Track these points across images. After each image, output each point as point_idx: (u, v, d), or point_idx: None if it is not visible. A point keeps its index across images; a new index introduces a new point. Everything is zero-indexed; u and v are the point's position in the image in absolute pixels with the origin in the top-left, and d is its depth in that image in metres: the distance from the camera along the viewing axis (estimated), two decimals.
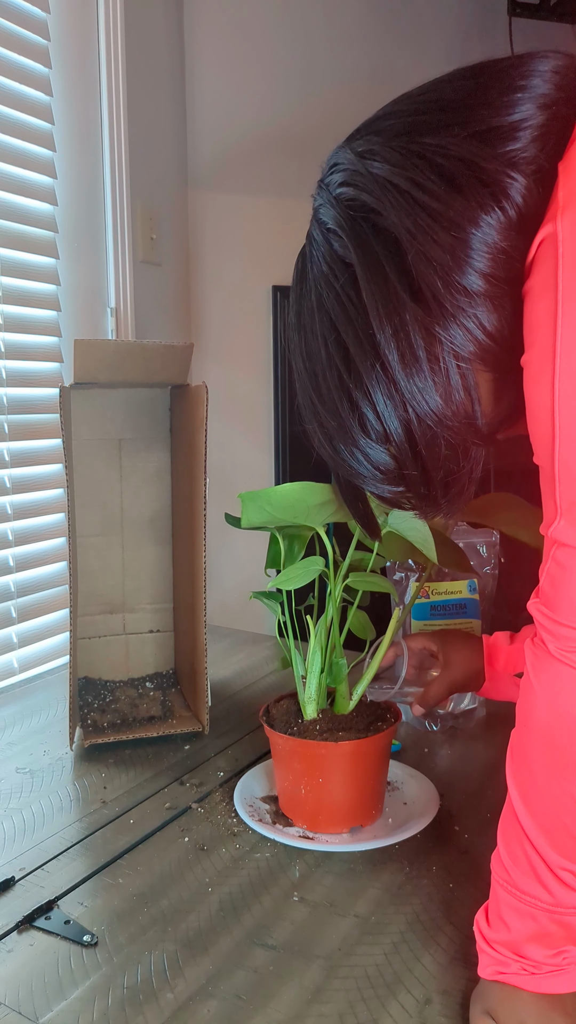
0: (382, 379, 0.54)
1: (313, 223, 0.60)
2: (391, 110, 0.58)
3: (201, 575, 1.06)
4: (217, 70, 1.80)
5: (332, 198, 0.57)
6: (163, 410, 1.23)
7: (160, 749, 1.06)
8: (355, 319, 0.54)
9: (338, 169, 0.58)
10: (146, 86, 1.66)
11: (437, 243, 0.51)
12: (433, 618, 1.08)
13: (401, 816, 0.88)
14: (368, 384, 0.54)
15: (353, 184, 0.55)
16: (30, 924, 0.72)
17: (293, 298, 0.61)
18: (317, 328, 0.57)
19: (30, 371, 1.41)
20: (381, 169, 0.54)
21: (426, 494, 0.59)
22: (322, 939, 0.70)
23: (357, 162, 0.56)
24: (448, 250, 0.51)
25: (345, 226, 0.55)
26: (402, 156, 0.54)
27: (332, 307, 0.56)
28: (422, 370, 0.53)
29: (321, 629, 0.88)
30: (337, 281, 0.55)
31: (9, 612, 1.38)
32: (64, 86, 1.45)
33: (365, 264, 0.54)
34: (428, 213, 0.51)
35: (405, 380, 0.53)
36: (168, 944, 0.70)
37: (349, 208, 0.56)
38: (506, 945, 0.59)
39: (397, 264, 0.53)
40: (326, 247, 0.57)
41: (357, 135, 0.59)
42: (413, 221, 0.52)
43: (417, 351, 0.52)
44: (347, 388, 0.55)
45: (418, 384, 0.53)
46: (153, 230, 1.71)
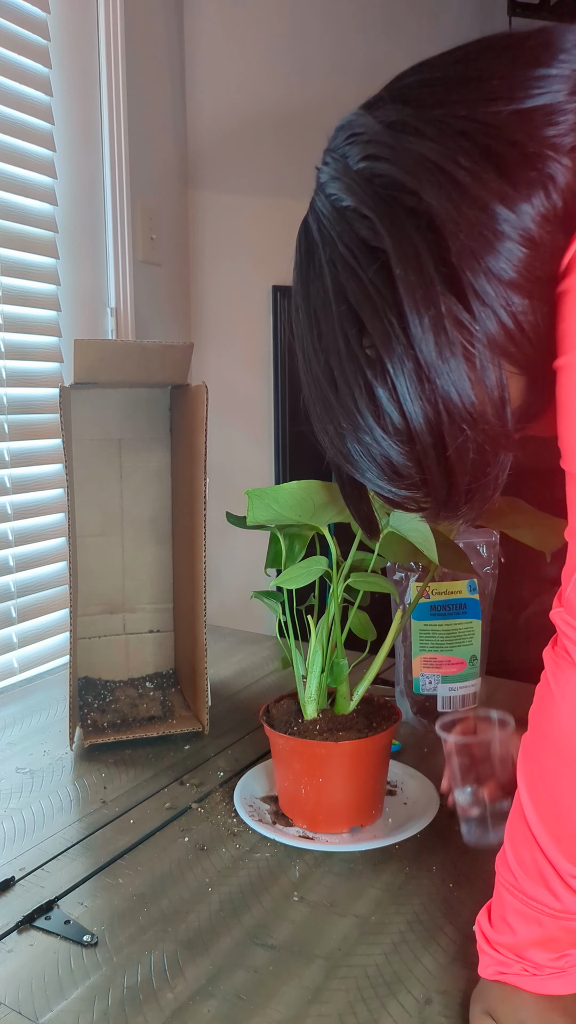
0: (412, 373, 0.49)
1: (321, 198, 0.54)
2: (419, 78, 0.52)
3: (201, 575, 1.06)
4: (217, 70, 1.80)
5: (352, 172, 0.52)
6: (163, 410, 1.23)
7: (160, 749, 1.06)
8: (383, 308, 0.49)
9: (358, 140, 0.52)
10: (146, 86, 1.66)
11: (481, 231, 0.47)
12: (433, 618, 1.08)
13: (401, 816, 0.88)
14: (395, 379, 0.50)
15: (381, 158, 0.50)
16: (30, 924, 0.72)
17: (299, 282, 0.56)
18: (334, 317, 0.52)
19: (30, 371, 1.41)
20: (418, 145, 0.49)
21: (447, 499, 0.55)
22: (322, 939, 0.70)
23: (386, 134, 0.50)
24: (492, 239, 0.47)
25: (373, 206, 0.50)
26: (440, 131, 0.49)
27: (353, 294, 0.51)
28: (459, 365, 0.49)
29: (322, 629, 0.88)
30: (360, 266, 0.50)
31: (9, 612, 1.37)
32: (64, 86, 1.45)
33: (400, 250, 0.49)
34: (472, 198, 0.47)
35: (439, 374, 0.49)
36: (168, 944, 0.69)
37: (375, 185, 0.50)
38: (510, 948, 0.58)
39: (434, 250, 0.48)
40: (343, 227, 0.52)
41: (379, 102, 0.53)
42: (455, 206, 0.47)
43: (454, 345, 0.48)
44: (368, 383, 0.51)
45: (453, 379, 0.49)
46: (153, 230, 1.71)
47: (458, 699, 1.10)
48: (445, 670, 1.09)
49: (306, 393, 0.56)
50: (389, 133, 0.50)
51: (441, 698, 1.09)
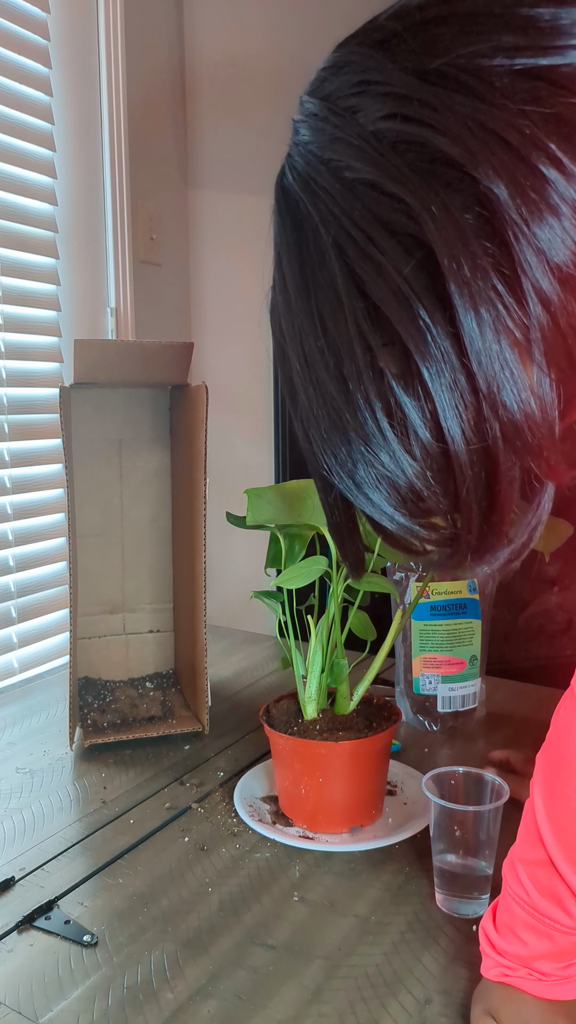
0: (454, 384, 0.40)
1: (312, 162, 0.43)
2: (447, 9, 0.40)
3: (201, 575, 1.06)
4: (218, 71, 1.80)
5: (369, 135, 0.40)
6: (163, 410, 1.23)
7: (160, 749, 1.06)
8: (418, 307, 0.40)
9: (375, 90, 0.41)
10: (146, 86, 1.66)
11: (543, 220, 0.38)
12: (433, 618, 1.08)
13: (401, 816, 0.88)
14: (433, 391, 0.40)
15: (415, 120, 0.39)
16: (30, 924, 0.72)
17: (291, 270, 0.45)
18: (346, 316, 0.42)
19: (30, 371, 1.41)
20: (468, 105, 0.38)
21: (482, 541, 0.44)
22: (322, 939, 0.70)
23: (419, 87, 0.39)
24: (554, 229, 0.38)
25: (405, 182, 0.39)
26: (490, 87, 0.38)
27: (376, 288, 0.40)
28: (520, 373, 0.40)
29: (322, 629, 0.88)
30: (384, 254, 0.40)
31: (9, 612, 1.37)
32: (64, 86, 1.45)
33: (447, 236, 0.39)
34: (541, 180, 0.38)
35: (496, 384, 0.40)
36: (168, 944, 0.69)
37: (405, 154, 0.39)
38: (517, 958, 0.58)
39: (484, 236, 0.39)
40: (353, 204, 0.41)
41: (395, 39, 0.41)
42: (521, 191, 0.38)
43: (513, 348, 0.39)
44: (395, 395, 0.41)
45: (516, 390, 0.40)
46: (153, 230, 1.71)
47: (458, 699, 1.10)
48: (445, 670, 1.09)
49: (303, 402, 0.45)
50: (424, 87, 0.39)
51: (441, 698, 1.09)
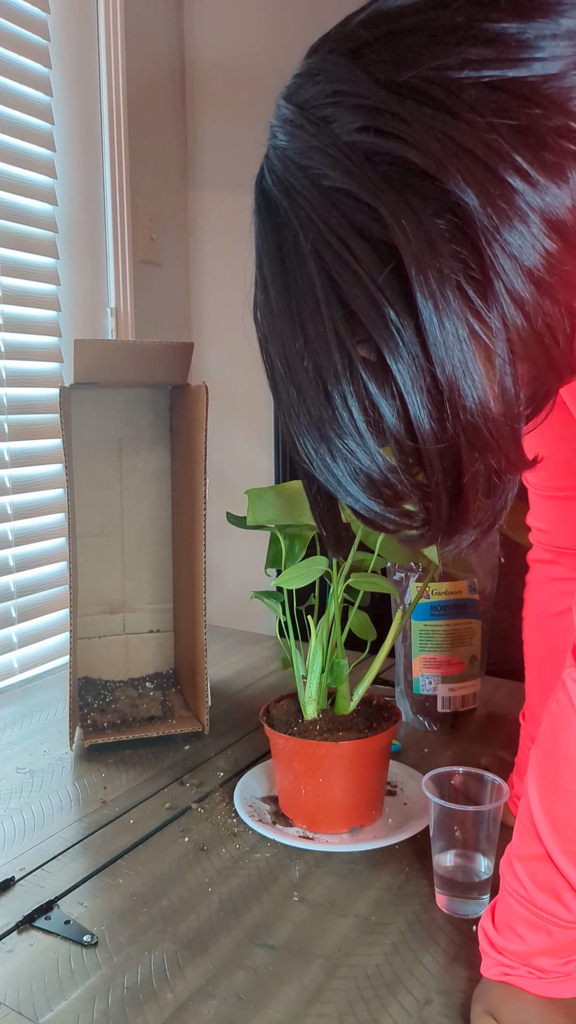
0: (423, 387, 0.43)
1: (290, 168, 0.44)
2: (414, 20, 0.42)
3: (201, 575, 1.06)
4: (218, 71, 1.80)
5: (343, 145, 0.42)
6: (163, 410, 1.23)
7: (160, 749, 1.06)
8: (389, 312, 0.42)
9: (347, 101, 0.42)
10: (146, 86, 1.66)
11: (513, 226, 0.40)
12: (433, 618, 1.08)
13: (401, 816, 0.88)
14: (404, 392, 0.43)
15: (388, 133, 0.41)
16: (30, 924, 0.72)
17: (272, 273, 0.47)
18: (324, 319, 0.44)
19: (30, 371, 1.41)
20: (437, 119, 0.40)
21: (450, 524, 0.48)
22: (322, 939, 0.70)
23: (389, 99, 0.41)
24: (524, 235, 0.40)
25: (378, 192, 0.41)
26: (459, 100, 0.40)
27: (352, 294, 0.42)
28: (481, 377, 0.42)
29: (322, 629, 0.88)
30: (358, 261, 0.42)
31: (9, 612, 1.37)
32: (64, 86, 1.45)
33: (415, 247, 0.41)
34: (506, 188, 0.40)
35: (457, 388, 0.42)
36: (168, 944, 0.69)
37: (378, 164, 0.41)
38: (516, 955, 0.58)
39: (452, 245, 0.41)
40: (330, 211, 0.43)
41: (365, 48, 0.43)
42: (490, 201, 0.40)
43: (476, 354, 0.42)
44: (368, 393, 0.44)
45: (476, 392, 0.42)
46: (153, 230, 1.71)
47: (458, 699, 1.10)
48: (445, 670, 1.09)
49: (285, 400, 0.48)
50: (394, 99, 0.40)
51: (441, 698, 1.09)
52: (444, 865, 0.74)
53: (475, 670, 1.10)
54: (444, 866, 0.74)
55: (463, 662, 1.09)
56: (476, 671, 1.11)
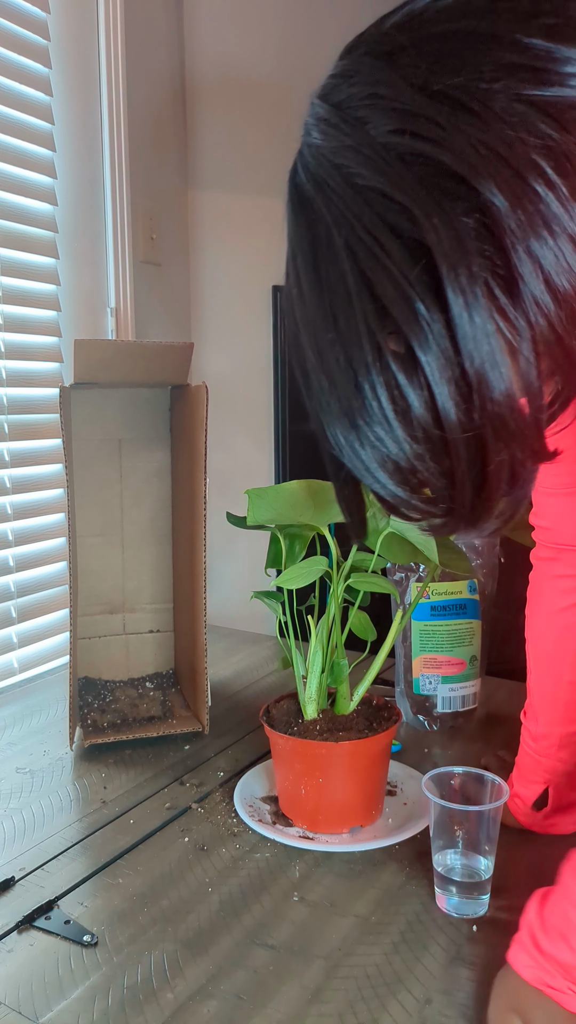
0: (452, 380, 0.44)
1: (324, 165, 0.46)
2: (451, 27, 0.43)
3: (201, 575, 1.06)
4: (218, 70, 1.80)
5: (378, 146, 0.43)
6: (163, 410, 1.23)
7: (160, 749, 1.06)
8: (420, 307, 0.43)
9: (383, 104, 0.44)
10: (146, 86, 1.66)
11: (539, 234, 0.42)
12: (433, 618, 1.08)
13: (401, 816, 0.88)
14: (432, 384, 0.44)
15: (423, 137, 0.42)
16: (30, 924, 0.72)
17: (306, 266, 0.48)
18: (356, 313, 0.45)
19: (30, 371, 1.41)
20: (474, 127, 0.41)
21: (472, 512, 0.49)
22: (322, 939, 0.70)
23: (426, 104, 0.42)
24: (548, 242, 0.42)
25: (412, 194, 0.43)
26: (490, 111, 0.41)
27: (384, 290, 0.44)
28: (508, 370, 0.44)
29: (322, 629, 0.88)
30: (390, 258, 0.44)
31: (9, 612, 1.37)
32: (64, 86, 1.45)
33: (447, 246, 0.42)
34: (536, 195, 0.41)
35: (485, 381, 0.44)
36: (168, 944, 0.69)
37: (411, 166, 0.43)
38: (562, 968, 0.57)
39: (483, 246, 0.42)
40: (363, 209, 0.44)
41: (400, 52, 0.44)
42: (522, 208, 0.41)
43: (503, 349, 0.43)
44: (398, 385, 0.45)
45: (503, 384, 0.44)
46: (153, 230, 1.71)
47: (458, 699, 1.10)
48: (445, 670, 1.09)
49: (316, 389, 0.49)
50: (429, 104, 0.42)
51: (441, 698, 1.09)
52: (444, 865, 0.74)
53: (475, 670, 1.10)
54: (444, 866, 0.74)
55: (463, 662, 1.09)
56: (476, 671, 1.11)
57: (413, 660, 1.10)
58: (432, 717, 1.10)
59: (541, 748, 0.83)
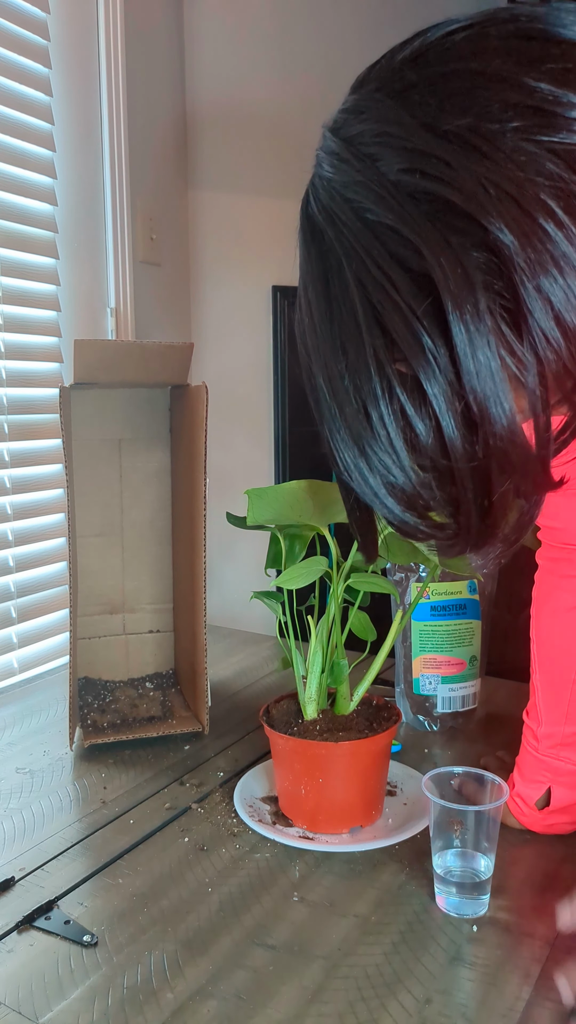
0: (458, 412, 0.45)
1: (336, 200, 0.47)
2: (459, 67, 0.44)
3: (201, 575, 1.06)
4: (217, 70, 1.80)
5: (388, 183, 0.44)
6: (163, 410, 1.23)
7: (160, 749, 1.06)
8: (427, 342, 0.44)
9: (393, 142, 0.44)
10: (146, 86, 1.66)
11: (548, 271, 0.43)
12: (433, 618, 1.08)
13: (401, 816, 0.88)
14: (439, 415, 0.45)
15: (433, 176, 0.43)
16: (30, 924, 0.72)
17: (316, 297, 0.49)
18: (365, 345, 0.46)
19: (30, 371, 1.41)
20: (483, 167, 0.42)
21: (479, 539, 0.51)
22: (322, 939, 0.70)
23: (436, 144, 0.43)
24: (557, 280, 0.43)
25: (420, 231, 0.44)
26: (499, 151, 0.42)
27: (392, 323, 0.45)
28: (511, 405, 0.45)
29: (322, 629, 0.88)
30: (399, 292, 0.45)
31: (9, 612, 1.37)
32: (64, 86, 1.45)
33: (453, 284, 0.43)
34: (546, 234, 0.42)
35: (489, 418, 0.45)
36: (168, 944, 0.70)
37: (421, 204, 0.44)
38: None
39: (490, 281, 0.43)
40: (372, 243, 0.45)
41: (411, 90, 0.45)
42: (531, 246, 0.42)
43: (508, 383, 0.44)
44: (406, 416, 0.46)
45: (505, 420, 0.45)
46: (153, 230, 1.71)
47: (458, 699, 1.10)
48: (445, 670, 1.09)
49: (327, 416, 0.50)
50: (439, 144, 0.43)
51: (441, 698, 1.09)
52: (444, 865, 0.74)
53: (475, 670, 1.10)
54: (444, 866, 0.74)
55: (463, 662, 1.09)
56: (476, 671, 1.11)
57: (413, 660, 1.10)
58: (432, 717, 1.10)
59: (544, 748, 0.84)
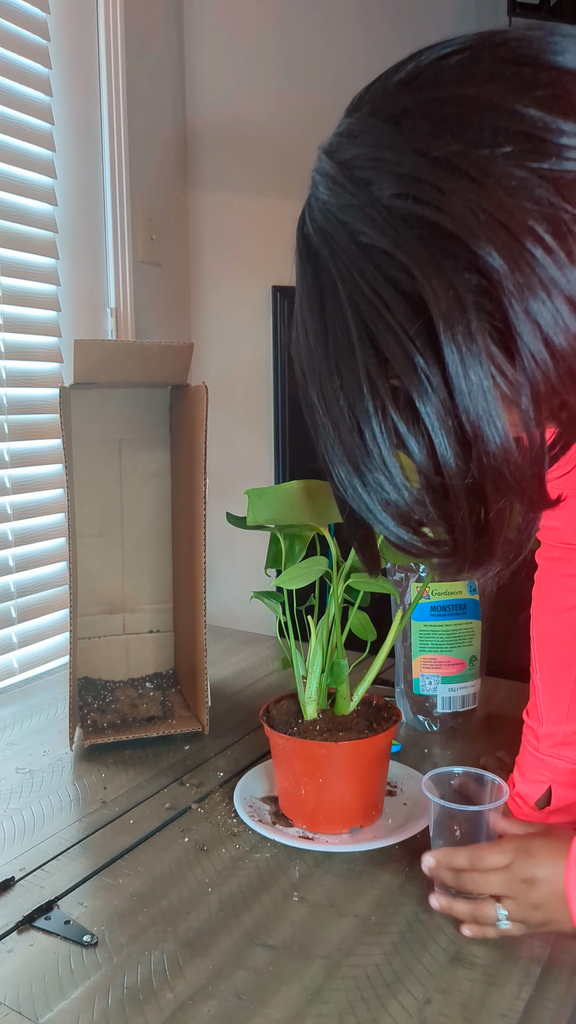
0: (451, 430, 0.46)
1: (331, 222, 0.48)
2: (452, 93, 0.45)
3: (201, 575, 1.06)
4: (217, 70, 1.80)
5: (381, 207, 0.45)
6: (163, 410, 1.23)
7: (160, 749, 1.06)
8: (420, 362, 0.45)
9: (387, 167, 0.45)
10: (146, 86, 1.66)
11: (536, 294, 0.43)
12: (433, 618, 1.08)
13: (401, 816, 0.88)
14: (432, 434, 0.46)
15: (425, 202, 0.44)
16: (30, 924, 0.72)
17: (312, 317, 0.50)
18: (359, 365, 0.47)
19: (30, 371, 1.41)
20: (475, 194, 0.43)
21: (476, 557, 0.51)
22: (322, 939, 0.70)
23: (428, 171, 0.44)
24: (546, 304, 0.43)
25: (413, 254, 0.44)
26: (491, 178, 0.43)
27: (385, 344, 0.46)
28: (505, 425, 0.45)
29: (322, 629, 0.88)
30: (392, 313, 0.45)
31: (9, 612, 1.38)
32: (64, 86, 1.45)
33: (445, 306, 0.44)
34: (534, 259, 0.43)
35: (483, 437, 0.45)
36: (168, 944, 0.70)
37: (414, 228, 0.44)
38: None
39: (482, 304, 0.44)
40: (367, 266, 0.46)
41: (405, 116, 0.46)
42: (521, 272, 0.43)
43: (500, 404, 0.45)
44: (399, 435, 0.47)
45: (499, 440, 0.45)
46: (153, 230, 1.71)
47: (458, 699, 1.10)
48: (445, 671, 1.09)
49: (322, 433, 0.51)
50: (431, 170, 0.44)
51: (441, 698, 1.09)
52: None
53: (475, 670, 1.10)
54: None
55: (463, 662, 1.09)
56: (476, 671, 1.11)
57: (413, 660, 1.10)
58: (432, 717, 1.10)
59: (545, 747, 0.84)
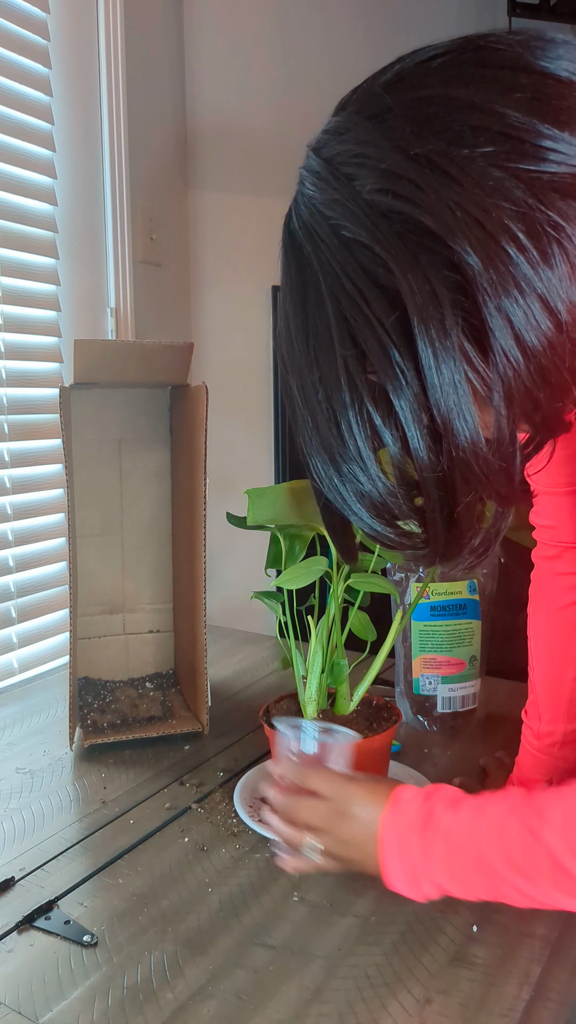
0: (424, 424, 0.47)
1: (315, 216, 0.49)
2: (435, 93, 0.46)
3: (201, 575, 1.06)
4: (217, 70, 1.80)
5: (362, 202, 0.46)
6: (163, 410, 1.23)
7: (160, 749, 1.06)
8: (395, 355, 0.46)
9: (369, 164, 0.46)
10: (146, 86, 1.66)
11: (509, 292, 0.44)
12: (433, 618, 1.08)
13: None
14: (405, 426, 0.47)
15: (404, 197, 0.45)
16: (30, 924, 0.72)
17: (293, 310, 0.51)
18: (337, 357, 0.48)
19: (30, 371, 1.41)
20: (452, 191, 0.44)
21: (447, 550, 0.52)
22: (322, 939, 0.70)
23: (408, 167, 0.45)
24: (518, 300, 0.44)
25: (390, 247, 0.45)
26: (471, 178, 0.44)
27: (363, 336, 0.47)
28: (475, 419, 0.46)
29: (322, 629, 0.88)
30: (369, 307, 0.46)
31: (9, 612, 1.37)
32: (64, 86, 1.45)
33: (420, 299, 0.45)
34: (508, 257, 0.44)
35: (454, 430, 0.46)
36: (168, 944, 0.70)
37: (393, 223, 0.45)
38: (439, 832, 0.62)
39: (456, 299, 0.45)
40: (347, 259, 0.47)
41: (387, 115, 0.47)
42: (495, 268, 0.44)
43: (470, 398, 0.46)
44: (374, 426, 0.48)
45: (468, 433, 0.46)
46: (153, 230, 1.71)
47: (458, 699, 1.10)
48: (445, 670, 1.09)
49: (300, 424, 0.52)
50: (411, 167, 0.45)
51: (441, 698, 1.09)
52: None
53: (475, 670, 1.10)
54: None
55: (463, 662, 1.09)
56: (476, 671, 1.11)
57: (413, 660, 1.10)
58: (432, 717, 1.10)
59: (543, 746, 0.84)
